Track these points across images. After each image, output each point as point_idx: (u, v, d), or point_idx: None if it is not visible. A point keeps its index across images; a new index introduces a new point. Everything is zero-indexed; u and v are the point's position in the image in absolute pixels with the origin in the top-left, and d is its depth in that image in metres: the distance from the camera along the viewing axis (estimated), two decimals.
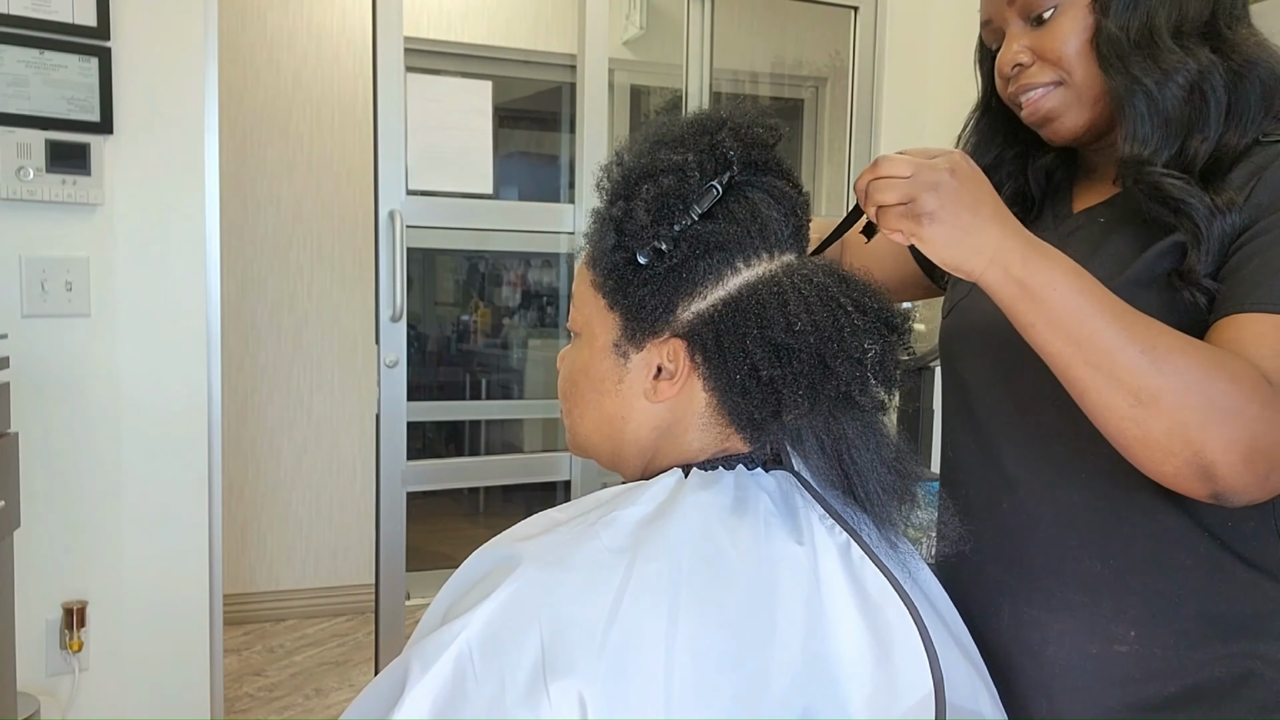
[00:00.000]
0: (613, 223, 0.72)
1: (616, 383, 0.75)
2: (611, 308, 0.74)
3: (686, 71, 2.98)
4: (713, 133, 0.72)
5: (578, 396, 0.78)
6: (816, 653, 0.64)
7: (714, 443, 0.74)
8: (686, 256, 0.71)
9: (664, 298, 0.71)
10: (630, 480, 0.79)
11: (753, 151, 0.73)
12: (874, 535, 0.72)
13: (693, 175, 0.71)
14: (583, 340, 0.78)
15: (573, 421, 0.80)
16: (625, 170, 0.74)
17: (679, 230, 0.70)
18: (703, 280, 0.71)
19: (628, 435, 0.76)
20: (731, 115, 0.74)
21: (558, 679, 0.59)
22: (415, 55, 2.55)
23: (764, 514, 0.69)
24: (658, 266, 0.71)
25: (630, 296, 0.73)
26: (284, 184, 3.45)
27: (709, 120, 0.74)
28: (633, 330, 0.73)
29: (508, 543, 0.68)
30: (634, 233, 0.71)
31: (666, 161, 0.71)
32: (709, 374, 0.71)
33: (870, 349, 0.68)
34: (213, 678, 2.15)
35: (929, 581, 0.76)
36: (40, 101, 1.88)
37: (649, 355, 0.73)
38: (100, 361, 2.00)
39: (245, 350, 3.43)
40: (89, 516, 2.01)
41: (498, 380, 4.32)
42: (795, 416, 0.69)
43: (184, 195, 2.05)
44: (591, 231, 0.75)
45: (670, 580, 0.63)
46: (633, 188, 0.72)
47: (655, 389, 0.73)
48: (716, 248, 0.71)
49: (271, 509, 3.50)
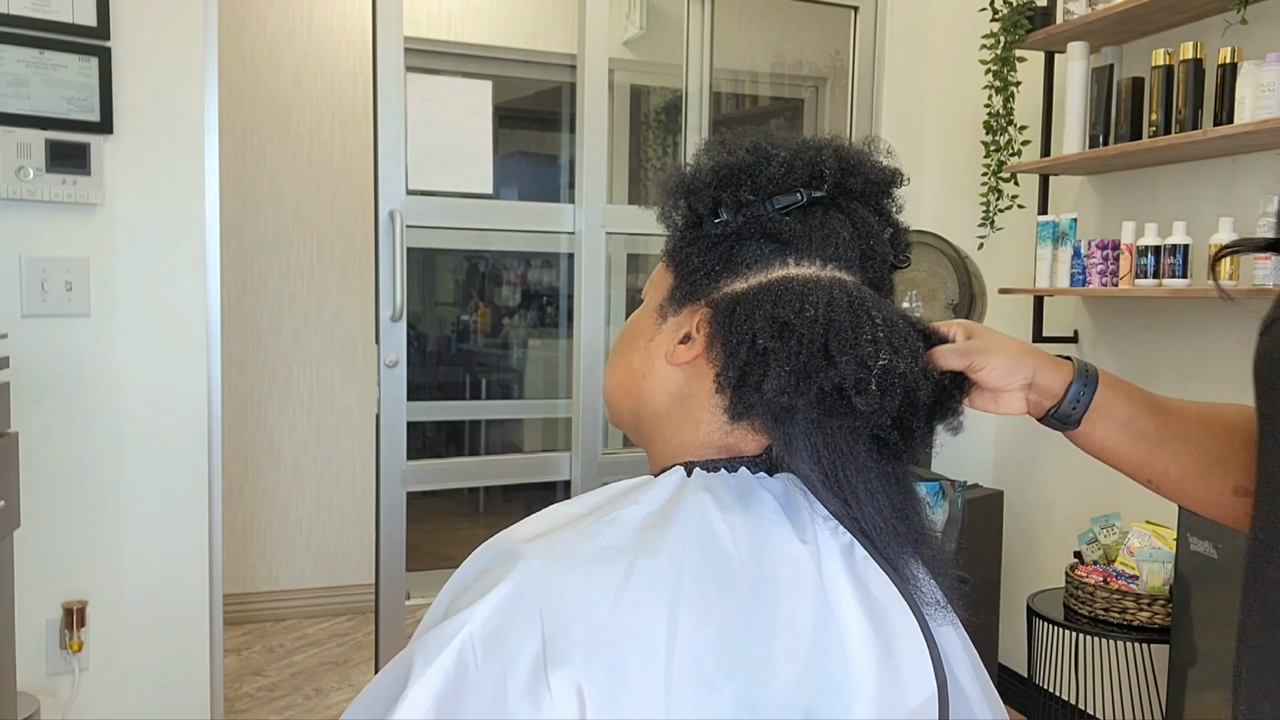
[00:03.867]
0: (685, 181, 0.75)
1: (648, 340, 0.77)
2: (668, 268, 0.77)
3: (686, 71, 2.98)
4: (819, 149, 0.74)
5: (617, 351, 0.81)
6: (819, 653, 0.64)
7: (720, 433, 0.74)
8: (741, 233, 0.73)
9: (710, 265, 0.73)
10: (647, 451, 0.80)
11: (850, 180, 0.74)
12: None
13: (775, 166, 0.73)
14: (644, 304, 0.81)
15: (607, 375, 0.82)
16: (722, 142, 0.77)
17: (745, 206, 0.72)
18: (750, 263, 0.72)
19: (644, 395, 0.77)
20: (846, 141, 0.76)
21: (557, 669, 0.59)
22: (415, 55, 2.55)
23: (767, 514, 0.69)
24: (712, 231, 0.73)
25: (682, 255, 0.75)
26: (284, 183, 3.45)
27: (823, 139, 0.76)
28: (677, 291, 0.76)
29: (510, 539, 0.68)
30: (697, 191, 0.73)
31: (759, 146, 0.74)
32: (717, 341, 0.72)
33: (885, 359, 0.67)
34: (213, 678, 2.15)
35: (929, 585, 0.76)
36: (40, 101, 1.88)
37: (682, 320, 0.75)
38: (100, 361, 2.00)
39: (245, 350, 3.43)
40: (89, 516, 2.01)
41: (498, 380, 4.32)
42: (777, 390, 0.67)
43: (184, 195, 2.05)
44: (667, 186, 0.78)
45: (672, 578, 0.63)
46: (716, 157, 0.75)
47: (674, 351, 0.74)
48: (773, 237, 0.72)
49: (271, 509, 3.50)
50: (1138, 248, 2.23)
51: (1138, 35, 2.36)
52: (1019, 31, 2.44)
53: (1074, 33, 2.36)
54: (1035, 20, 2.45)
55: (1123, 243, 2.28)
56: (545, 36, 3.53)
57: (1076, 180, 2.60)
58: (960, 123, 2.83)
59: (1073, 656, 2.30)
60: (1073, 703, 2.41)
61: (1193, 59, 2.12)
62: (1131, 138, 2.25)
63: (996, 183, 2.57)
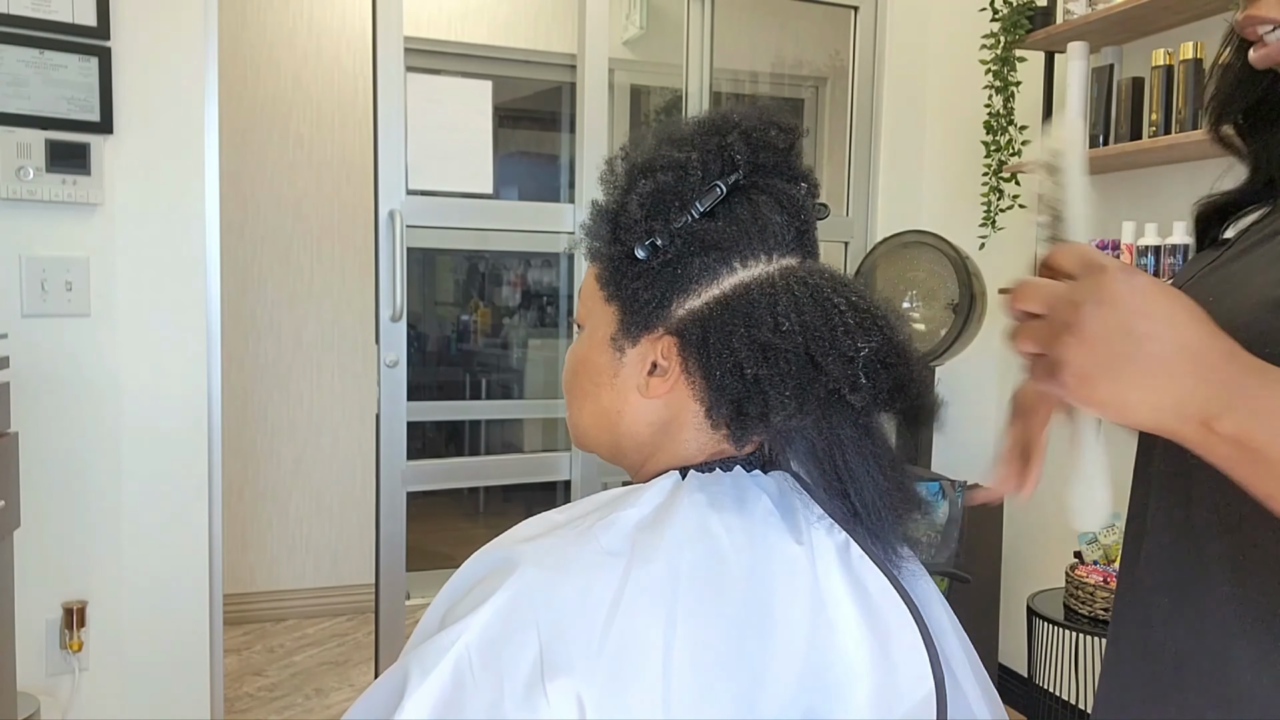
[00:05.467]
0: (609, 215, 0.73)
1: (612, 376, 0.75)
2: (609, 300, 0.75)
3: (686, 71, 2.98)
4: (722, 134, 0.72)
5: (577, 388, 0.78)
6: (817, 653, 0.64)
7: (711, 443, 0.74)
8: (682, 253, 0.71)
9: (658, 293, 0.71)
10: (632, 475, 0.79)
11: (761, 155, 0.72)
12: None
13: (694, 173, 0.71)
14: (585, 333, 0.78)
15: (573, 413, 0.80)
16: (628, 165, 0.74)
17: (677, 227, 0.70)
18: (698, 278, 0.71)
19: (624, 429, 0.76)
20: (743, 117, 0.73)
21: (555, 679, 0.59)
22: (415, 55, 2.55)
23: (762, 514, 0.69)
24: (653, 261, 0.71)
25: (626, 290, 0.73)
26: (284, 183, 3.45)
27: (720, 121, 0.73)
28: (628, 324, 0.73)
29: (506, 545, 0.67)
30: (627, 226, 0.71)
31: (668, 158, 0.71)
32: (696, 372, 0.71)
33: (863, 347, 0.67)
34: (213, 678, 2.15)
35: (925, 582, 0.76)
36: (40, 101, 1.88)
37: (643, 350, 0.73)
38: (100, 361, 2.00)
39: (245, 350, 3.43)
40: (89, 516, 2.01)
41: (498, 380, 4.32)
42: (784, 418, 0.68)
43: (184, 195, 2.05)
44: (590, 224, 0.76)
45: (668, 582, 0.63)
46: (631, 182, 0.72)
47: (648, 385, 0.73)
48: (713, 246, 0.70)
49: (271, 509, 3.50)
50: (1138, 248, 2.23)
51: (1138, 35, 2.36)
52: (1019, 31, 2.44)
53: (1074, 33, 2.36)
54: (1035, 20, 2.45)
55: (1123, 243, 2.28)
56: (545, 36, 3.53)
57: None
58: (960, 123, 2.83)
59: (1073, 656, 2.30)
60: (1073, 703, 2.41)
61: (1193, 59, 2.12)
62: (1132, 138, 2.25)
63: (997, 182, 2.57)
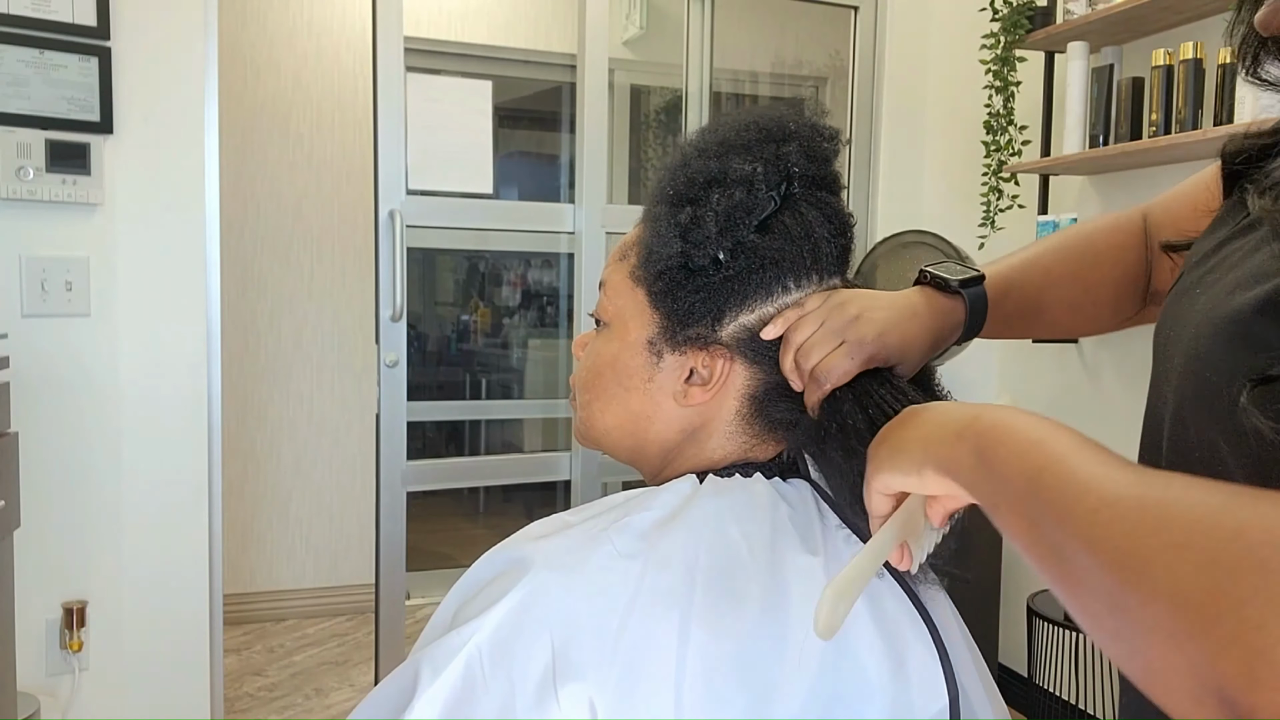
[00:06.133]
0: (679, 228, 0.70)
1: (646, 380, 0.74)
2: (655, 306, 0.73)
3: (686, 71, 2.98)
4: (779, 143, 0.72)
5: (600, 388, 0.76)
6: (830, 666, 0.63)
7: (737, 450, 0.73)
8: (743, 270, 0.70)
9: (714, 306, 0.71)
10: (647, 478, 0.78)
11: (813, 166, 0.73)
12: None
13: (760, 188, 0.70)
14: (612, 331, 0.76)
15: (590, 414, 0.77)
16: (692, 174, 0.72)
17: (743, 242, 0.70)
18: (754, 294, 0.71)
19: (651, 435, 0.74)
20: (799, 125, 0.73)
21: (568, 683, 0.58)
22: (415, 55, 2.55)
23: (779, 522, 0.68)
24: (713, 275, 0.70)
25: (680, 301, 0.71)
26: (284, 184, 3.45)
27: (777, 129, 0.73)
28: (673, 332, 0.72)
29: (519, 545, 0.66)
30: (699, 241, 0.70)
31: (738, 171, 0.70)
32: (743, 387, 0.72)
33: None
34: (213, 678, 2.15)
35: (935, 588, 0.75)
36: (40, 101, 1.88)
37: (685, 359, 0.72)
38: (100, 361, 2.00)
39: (245, 350, 3.43)
40: (89, 516, 2.01)
41: (498, 380, 4.32)
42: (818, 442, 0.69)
43: (184, 195, 2.05)
44: (651, 231, 0.73)
45: (683, 588, 0.62)
46: (702, 193, 0.70)
47: (686, 393, 0.72)
48: (771, 264, 0.70)
49: (271, 509, 3.50)
50: None
51: (1138, 35, 2.35)
52: (1019, 31, 2.44)
53: (1074, 33, 2.36)
54: (1035, 20, 2.45)
55: None
56: (545, 36, 3.53)
57: (1077, 180, 2.60)
58: (960, 123, 2.83)
59: (1073, 656, 2.30)
60: (1073, 703, 2.41)
61: (1193, 59, 2.12)
62: (1132, 138, 2.25)
63: (997, 183, 2.56)
